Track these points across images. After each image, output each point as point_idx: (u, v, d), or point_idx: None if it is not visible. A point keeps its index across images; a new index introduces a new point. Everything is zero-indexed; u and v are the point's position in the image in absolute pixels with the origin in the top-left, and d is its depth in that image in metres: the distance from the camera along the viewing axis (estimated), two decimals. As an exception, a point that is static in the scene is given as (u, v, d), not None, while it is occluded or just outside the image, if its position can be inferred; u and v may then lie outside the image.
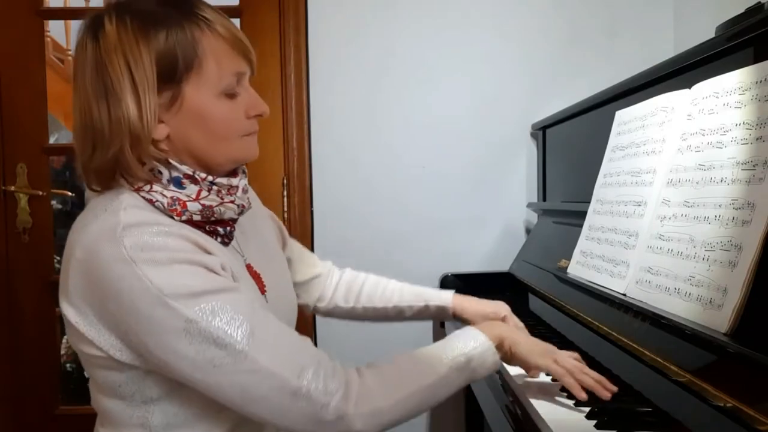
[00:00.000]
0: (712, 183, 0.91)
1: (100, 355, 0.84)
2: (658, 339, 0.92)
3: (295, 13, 1.99)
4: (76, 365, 3.39)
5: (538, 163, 1.98)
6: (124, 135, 0.82)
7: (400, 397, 0.87)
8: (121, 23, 0.82)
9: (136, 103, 0.81)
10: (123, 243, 0.78)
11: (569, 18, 2.02)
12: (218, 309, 0.79)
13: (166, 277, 0.78)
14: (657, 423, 0.85)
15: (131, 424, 0.89)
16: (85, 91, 0.84)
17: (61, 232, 5.20)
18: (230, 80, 0.86)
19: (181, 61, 0.83)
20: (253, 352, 0.79)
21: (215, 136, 0.87)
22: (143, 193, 0.85)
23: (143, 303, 0.78)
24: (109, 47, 0.82)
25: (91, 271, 0.80)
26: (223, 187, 0.89)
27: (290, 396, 0.80)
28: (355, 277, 1.31)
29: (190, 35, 0.83)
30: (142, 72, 0.81)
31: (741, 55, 0.96)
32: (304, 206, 2.02)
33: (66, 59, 4.60)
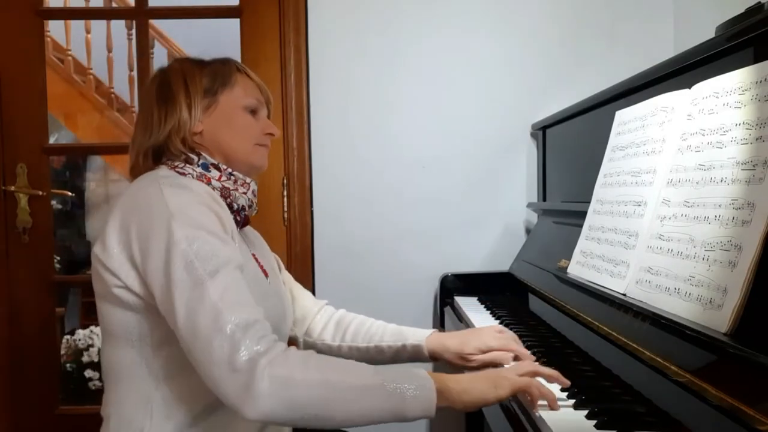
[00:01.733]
0: (712, 183, 0.91)
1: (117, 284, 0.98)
2: (658, 339, 0.92)
3: (295, 14, 1.99)
4: (76, 365, 3.40)
5: (538, 163, 1.98)
6: (173, 123, 1.09)
7: (316, 378, 0.87)
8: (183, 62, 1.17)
9: (187, 103, 1.10)
10: (160, 181, 1.00)
11: (569, 18, 2.02)
12: (203, 243, 0.93)
13: (180, 205, 0.96)
14: (657, 423, 0.85)
15: (141, 374, 1.00)
16: (149, 100, 1.12)
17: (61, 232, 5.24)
18: (252, 101, 1.15)
19: (219, 81, 1.13)
20: (209, 284, 0.90)
21: (237, 136, 1.13)
22: (178, 170, 1.08)
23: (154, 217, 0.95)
24: (173, 71, 1.14)
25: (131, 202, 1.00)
26: (239, 179, 1.12)
27: (218, 332, 0.87)
28: (345, 316, 1.34)
29: (227, 68, 1.15)
30: (194, 83, 1.11)
31: (741, 55, 0.96)
32: (304, 206, 2.02)
33: (66, 59, 4.61)
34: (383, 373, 0.91)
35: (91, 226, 5.55)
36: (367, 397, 0.89)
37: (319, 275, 2.02)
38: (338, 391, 0.88)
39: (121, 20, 4.36)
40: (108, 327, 1.03)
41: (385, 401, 0.89)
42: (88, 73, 4.64)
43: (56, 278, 2.20)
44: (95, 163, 5.66)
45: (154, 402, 0.99)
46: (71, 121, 4.72)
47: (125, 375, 1.01)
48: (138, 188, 1.02)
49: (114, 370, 1.03)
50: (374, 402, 0.89)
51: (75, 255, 5.43)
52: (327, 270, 2.02)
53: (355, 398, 0.88)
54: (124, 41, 4.24)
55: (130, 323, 1.00)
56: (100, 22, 4.57)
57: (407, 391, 0.90)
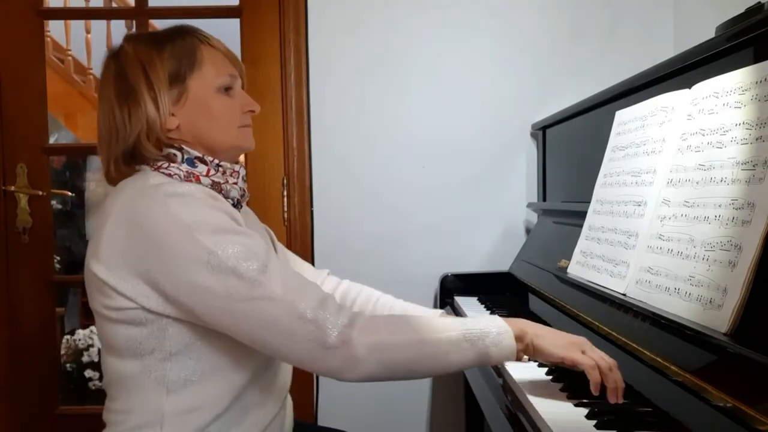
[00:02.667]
0: (712, 183, 0.91)
1: (128, 306, 0.93)
2: (658, 339, 0.92)
3: (295, 13, 1.99)
4: (76, 365, 3.40)
5: (538, 163, 1.98)
6: (141, 126, 0.98)
7: (407, 339, 0.91)
8: (137, 43, 1.03)
9: (153, 98, 0.98)
10: (157, 192, 0.93)
11: (569, 18, 2.02)
12: (237, 244, 0.90)
13: (193, 215, 0.91)
14: (657, 423, 0.85)
15: (148, 386, 0.96)
16: (108, 100, 1.01)
17: (61, 232, 5.24)
18: (225, 79, 1.04)
19: (185, 63, 1.01)
20: (266, 281, 0.89)
21: (216, 123, 1.03)
22: (162, 170, 1.00)
23: (172, 237, 0.89)
24: (129, 59, 1.01)
25: (130, 220, 0.92)
26: (227, 169, 1.05)
27: (298, 319, 0.87)
28: (351, 287, 1.34)
29: (189, 44, 1.02)
30: (156, 74, 0.99)
31: (741, 55, 0.96)
32: (304, 206, 2.02)
33: (66, 59, 4.60)
34: (464, 324, 0.94)
35: (91, 226, 5.55)
36: (453, 350, 0.92)
37: (319, 275, 2.02)
38: (428, 348, 0.91)
39: (121, 20, 4.36)
40: (112, 341, 0.98)
41: (469, 352, 0.93)
42: (88, 73, 4.64)
43: (56, 278, 2.20)
44: (95, 163, 5.66)
45: (165, 412, 0.96)
46: (71, 121, 4.72)
47: (133, 386, 0.97)
48: (135, 202, 0.93)
49: (120, 380, 0.99)
50: (460, 355, 0.93)
51: (75, 255, 5.42)
52: (327, 270, 2.02)
53: (442, 352, 0.92)
54: (124, 41, 4.24)
55: (138, 338, 0.95)
56: (100, 22, 4.56)
57: (488, 339, 0.93)
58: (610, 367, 0.94)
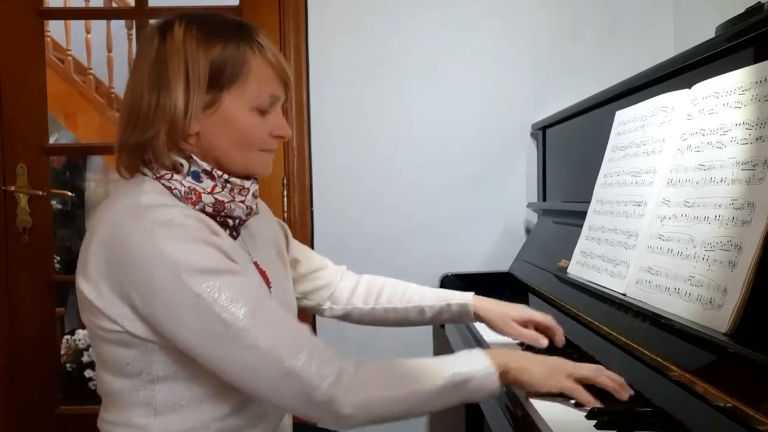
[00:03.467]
0: (712, 183, 0.91)
1: (114, 328, 0.89)
2: (658, 339, 0.92)
3: (295, 13, 1.99)
4: (76, 365, 3.40)
5: (538, 163, 1.98)
6: (164, 122, 0.91)
7: (392, 396, 0.89)
8: (188, 29, 0.93)
9: (185, 98, 0.91)
10: (145, 219, 0.86)
11: (569, 18, 2.02)
12: (224, 288, 0.85)
13: (181, 252, 0.85)
14: (657, 423, 0.85)
15: (136, 404, 0.93)
16: (141, 78, 0.93)
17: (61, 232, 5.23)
18: (265, 100, 0.96)
19: (228, 73, 0.93)
20: (253, 329, 0.84)
21: (237, 143, 0.96)
22: (164, 181, 0.93)
23: (158, 274, 0.84)
24: (174, 46, 0.92)
25: (113, 243, 0.87)
26: (236, 186, 0.97)
27: (283, 374, 0.84)
28: (375, 280, 1.32)
29: (242, 53, 0.94)
30: (196, 73, 0.91)
31: (741, 55, 0.96)
32: (304, 206, 2.02)
33: (66, 59, 4.60)
34: (447, 366, 0.93)
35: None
36: (437, 398, 0.91)
37: (319, 275, 2.01)
38: (412, 401, 0.90)
39: (121, 20, 4.36)
40: (102, 356, 0.95)
41: (453, 397, 0.92)
42: (88, 73, 4.64)
43: (56, 278, 2.20)
44: (95, 163, 5.66)
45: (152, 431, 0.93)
46: (71, 121, 4.72)
47: (122, 401, 0.94)
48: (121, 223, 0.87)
49: (109, 394, 0.96)
50: (444, 401, 0.92)
51: (75, 255, 5.41)
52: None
53: (425, 401, 0.91)
54: (124, 41, 4.24)
55: (126, 359, 0.91)
56: (100, 22, 4.56)
57: (473, 382, 0.92)
58: (599, 375, 0.95)
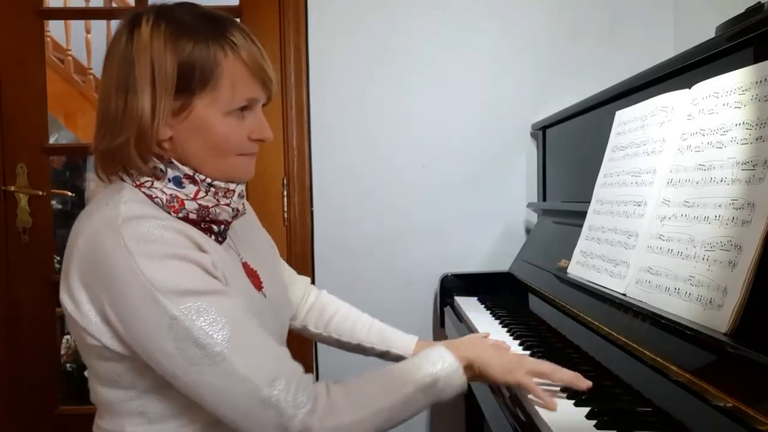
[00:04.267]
0: (712, 183, 0.91)
1: (96, 344, 0.87)
2: (658, 339, 0.92)
3: (295, 14, 1.99)
4: (76, 365, 3.39)
5: (538, 163, 1.98)
6: (132, 128, 0.87)
7: (364, 415, 0.89)
8: (156, 26, 0.88)
9: (152, 103, 0.86)
10: (122, 234, 0.83)
11: (569, 18, 2.02)
12: (203, 310, 0.82)
13: (158, 271, 0.82)
14: (657, 423, 0.85)
15: (130, 413, 0.92)
16: (109, 81, 0.89)
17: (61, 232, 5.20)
18: (241, 103, 0.91)
19: (197, 77, 0.87)
20: (230, 355, 0.82)
21: (213, 149, 0.91)
22: (144, 189, 0.90)
23: (133, 294, 0.82)
24: (140, 46, 0.87)
25: (90, 259, 0.85)
26: (220, 189, 0.93)
27: (260, 403, 0.82)
28: (329, 304, 1.29)
29: (212, 55, 0.88)
30: (163, 76, 0.86)
31: (741, 55, 0.96)
32: (304, 206, 2.02)
33: (66, 59, 4.60)
34: (411, 375, 0.94)
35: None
36: (407, 407, 0.93)
37: (319, 275, 2.01)
38: (384, 415, 0.91)
39: (121, 20, 4.35)
40: (93, 369, 0.93)
41: (423, 401, 0.94)
42: (88, 73, 4.64)
43: (56, 278, 2.19)
44: (95, 163, 5.66)
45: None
46: (71, 121, 4.72)
47: (115, 412, 0.93)
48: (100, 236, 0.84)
49: (103, 404, 0.95)
50: (414, 407, 0.94)
51: (75, 255, 5.42)
52: (327, 270, 2.02)
53: (397, 412, 0.92)
54: (124, 41, 4.23)
55: (117, 371, 0.90)
56: (100, 22, 4.56)
57: (439, 383, 0.94)
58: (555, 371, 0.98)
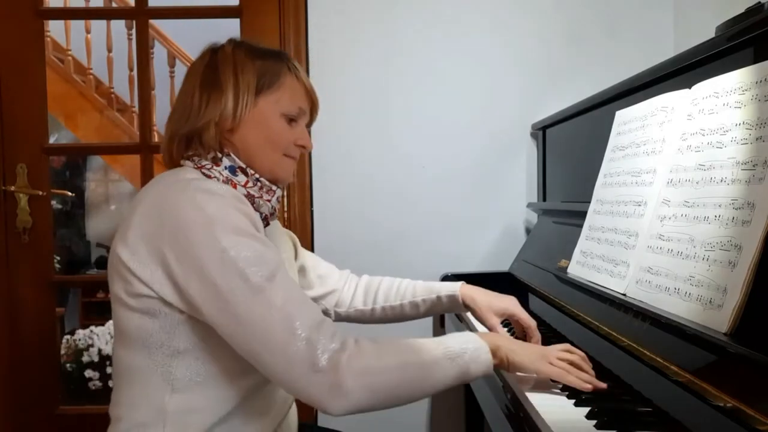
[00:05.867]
0: (712, 183, 0.91)
1: (144, 292, 0.94)
2: (658, 339, 0.92)
3: (295, 14, 1.99)
4: (76, 365, 3.40)
5: (538, 163, 1.98)
6: (214, 115, 1.03)
7: (392, 363, 0.91)
8: (237, 47, 1.09)
9: (234, 98, 1.03)
10: (189, 186, 0.95)
11: (569, 18, 2.02)
12: (249, 249, 0.91)
13: (217, 209, 0.92)
14: (657, 423, 0.85)
15: (154, 380, 0.96)
16: (193, 83, 1.06)
17: (61, 232, 5.22)
18: (294, 109, 1.08)
19: (266, 81, 1.06)
20: (270, 290, 0.89)
21: (267, 142, 1.06)
22: (204, 170, 1.03)
23: (192, 226, 0.90)
24: (225, 58, 1.06)
25: (157, 210, 0.94)
26: (265, 185, 1.07)
27: (293, 336, 0.87)
28: (372, 280, 1.40)
29: (278, 68, 1.08)
30: (245, 78, 1.05)
31: (741, 55, 0.96)
32: (304, 206, 2.03)
33: (66, 59, 4.61)
34: (444, 343, 0.97)
35: (91, 226, 5.56)
36: (436, 371, 0.94)
37: (319, 275, 2.02)
38: (412, 370, 0.92)
39: (121, 20, 4.36)
40: (124, 329, 0.98)
41: (450, 370, 0.95)
42: (88, 73, 4.64)
43: (56, 278, 2.20)
44: (95, 163, 5.67)
45: (168, 410, 0.96)
46: (71, 121, 4.72)
47: (138, 379, 0.97)
48: (166, 193, 0.96)
49: (127, 372, 0.99)
50: (442, 373, 0.94)
51: (75, 255, 5.42)
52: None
53: (427, 375, 0.93)
54: (124, 41, 4.24)
55: (149, 330, 0.96)
56: (100, 22, 4.57)
57: (466, 355, 0.96)
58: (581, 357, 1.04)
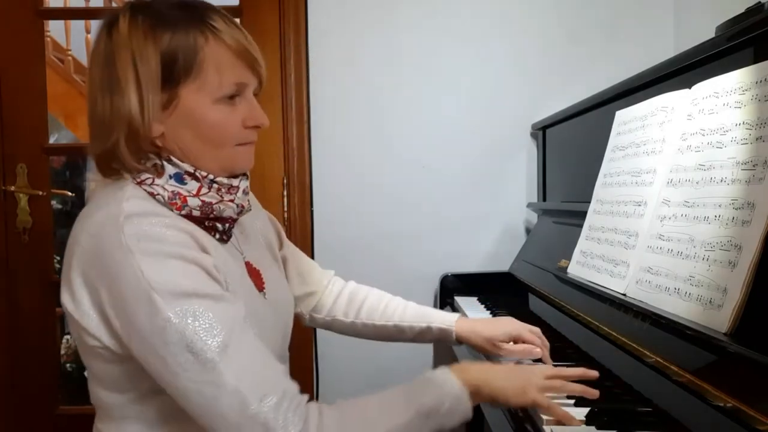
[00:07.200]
0: (712, 183, 0.91)
1: (96, 344, 0.85)
2: (658, 339, 0.92)
3: (295, 14, 1.99)
4: (76, 365, 3.39)
5: (538, 163, 1.98)
6: (122, 127, 0.85)
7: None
8: (133, 21, 0.86)
9: (138, 99, 0.84)
10: (123, 231, 0.80)
11: (569, 18, 2.02)
12: (199, 314, 0.79)
13: (157, 270, 0.80)
14: (657, 423, 0.85)
15: (129, 417, 0.90)
16: (93, 83, 0.88)
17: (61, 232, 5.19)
18: (230, 89, 0.88)
19: (180, 64, 0.85)
20: (222, 364, 0.78)
21: (208, 141, 0.88)
22: (145, 186, 0.87)
23: (131, 292, 0.79)
24: (120, 42, 0.85)
25: (92, 256, 0.83)
26: (224, 185, 0.91)
27: (247, 418, 0.78)
28: (358, 290, 1.27)
29: (192, 40, 0.85)
30: (147, 69, 0.84)
31: (741, 55, 0.96)
32: (304, 206, 2.03)
33: (66, 59, 4.60)
34: (414, 398, 0.86)
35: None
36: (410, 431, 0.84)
37: (319, 275, 2.02)
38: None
39: (121, 20, 4.35)
40: (93, 371, 0.91)
41: (425, 426, 0.85)
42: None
43: (56, 278, 2.19)
44: (95, 163, 5.66)
45: None
46: (71, 121, 4.72)
47: (116, 415, 0.91)
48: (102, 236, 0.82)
49: (103, 408, 0.92)
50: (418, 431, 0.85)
51: (75, 255, 5.42)
52: (327, 269, 2.02)
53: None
54: (124, 41, 4.24)
55: (115, 374, 0.88)
56: (100, 22, 4.56)
57: (442, 408, 0.86)
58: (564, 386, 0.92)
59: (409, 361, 1.94)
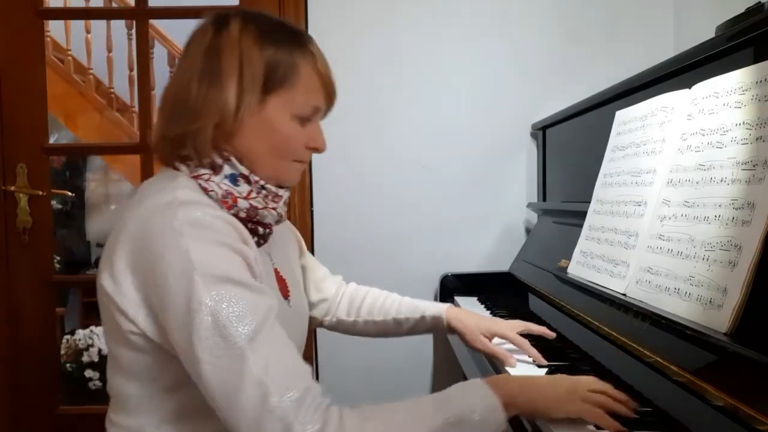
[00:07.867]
0: (712, 183, 0.91)
1: (131, 329, 0.87)
2: (658, 339, 0.92)
3: (295, 14, 1.99)
4: (76, 365, 3.40)
5: (538, 163, 1.98)
6: (212, 116, 0.89)
7: None
8: (245, 27, 0.92)
9: (237, 96, 0.90)
10: (177, 216, 0.84)
11: (569, 18, 2.02)
12: (235, 300, 0.81)
13: (204, 253, 0.82)
14: (657, 423, 0.85)
15: (146, 410, 0.91)
16: (190, 68, 0.92)
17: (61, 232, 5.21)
18: (309, 110, 0.96)
19: (278, 77, 0.92)
20: (251, 354, 0.79)
21: (273, 149, 0.95)
22: (201, 181, 0.91)
23: (173, 271, 0.81)
24: (229, 40, 0.91)
25: (141, 240, 0.85)
26: (271, 193, 0.96)
27: (267, 411, 0.77)
28: (357, 291, 1.34)
29: (293, 59, 0.93)
30: (251, 71, 0.90)
31: (741, 55, 0.96)
32: (304, 206, 2.02)
33: (66, 59, 4.60)
34: (444, 406, 0.83)
35: (91, 226, 5.56)
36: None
37: (319, 275, 2.02)
38: None
39: (121, 20, 4.36)
40: (117, 358, 0.92)
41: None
42: (88, 73, 4.64)
43: (56, 278, 2.20)
44: (95, 163, 5.66)
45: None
46: (71, 121, 4.72)
47: (133, 406, 0.92)
48: (152, 221, 0.85)
49: (120, 398, 0.94)
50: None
51: (75, 255, 5.42)
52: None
53: None
54: (124, 41, 4.24)
55: (142, 365, 0.90)
56: (100, 22, 4.56)
57: (473, 417, 0.82)
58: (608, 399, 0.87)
59: (409, 360, 1.95)
